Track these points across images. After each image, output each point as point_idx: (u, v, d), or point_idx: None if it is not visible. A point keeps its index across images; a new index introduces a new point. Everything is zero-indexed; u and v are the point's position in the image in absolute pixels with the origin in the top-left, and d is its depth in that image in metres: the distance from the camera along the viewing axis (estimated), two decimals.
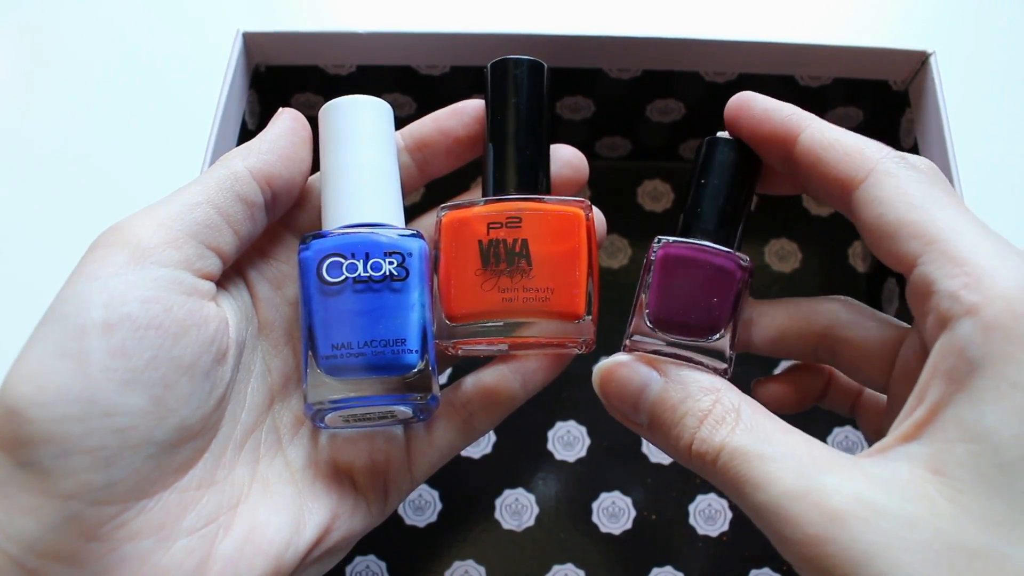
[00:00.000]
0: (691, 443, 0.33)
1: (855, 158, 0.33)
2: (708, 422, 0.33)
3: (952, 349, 0.28)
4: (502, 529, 0.52)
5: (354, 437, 0.40)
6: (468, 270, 0.38)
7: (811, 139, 0.35)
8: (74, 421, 0.30)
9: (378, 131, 0.40)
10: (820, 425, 0.54)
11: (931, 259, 0.30)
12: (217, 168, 0.37)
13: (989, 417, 0.27)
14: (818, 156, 0.34)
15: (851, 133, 0.34)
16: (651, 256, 0.37)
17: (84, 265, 0.33)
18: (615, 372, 0.37)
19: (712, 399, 0.33)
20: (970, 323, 0.28)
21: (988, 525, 0.26)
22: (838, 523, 0.27)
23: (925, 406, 0.29)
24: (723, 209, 0.38)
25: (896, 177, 0.32)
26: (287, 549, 0.36)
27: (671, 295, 0.36)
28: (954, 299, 0.29)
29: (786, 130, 0.36)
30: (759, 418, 0.32)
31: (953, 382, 0.28)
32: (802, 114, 0.36)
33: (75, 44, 0.69)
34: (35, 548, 0.30)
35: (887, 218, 0.32)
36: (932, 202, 0.31)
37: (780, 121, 0.36)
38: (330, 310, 0.37)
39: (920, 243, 0.30)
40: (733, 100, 0.38)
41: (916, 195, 0.31)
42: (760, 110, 0.37)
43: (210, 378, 0.34)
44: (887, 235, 0.32)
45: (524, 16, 0.70)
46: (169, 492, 0.33)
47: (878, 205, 0.32)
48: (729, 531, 0.51)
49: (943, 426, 0.28)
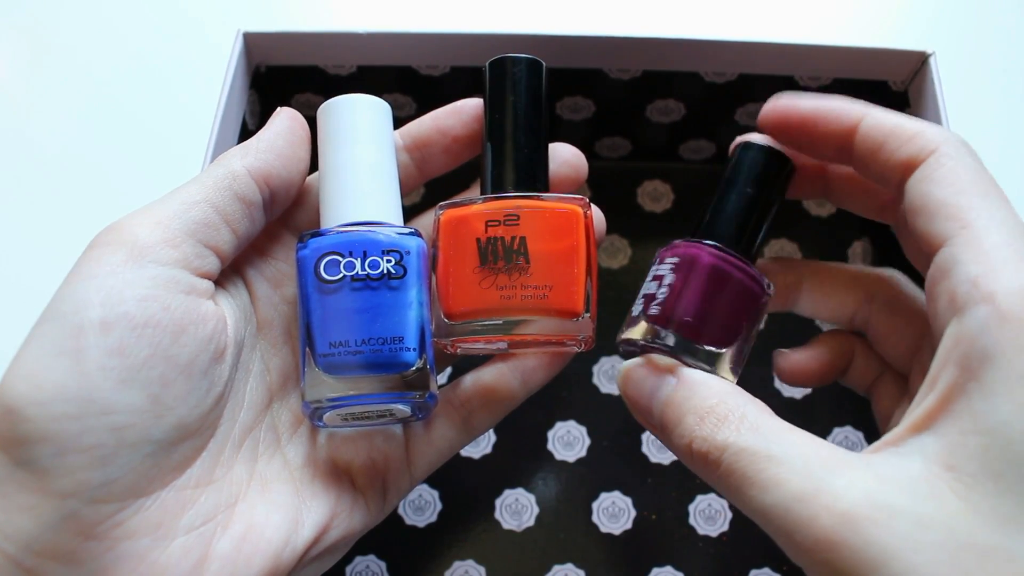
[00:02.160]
0: (691, 442, 0.33)
1: (917, 140, 0.33)
2: (709, 420, 0.33)
3: (966, 335, 0.28)
4: (502, 529, 0.51)
5: (353, 436, 0.40)
6: (466, 268, 0.38)
7: (873, 126, 0.35)
8: (71, 419, 0.30)
9: (376, 130, 0.40)
10: (820, 425, 0.54)
11: (960, 242, 0.30)
12: (215, 167, 0.37)
13: (1001, 410, 0.27)
14: (882, 141, 0.35)
15: (909, 116, 0.35)
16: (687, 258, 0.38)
17: (82, 264, 0.33)
18: (632, 373, 0.37)
19: (716, 399, 0.33)
20: (985, 310, 0.28)
21: (999, 523, 0.26)
22: (849, 526, 0.27)
23: (936, 393, 0.29)
24: (758, 219, 0.39)
25: (954, 159, 0.32)
26: (285, 548, 0.36)
27: (702, 302, 0.37)
28: (973, 284, 0.29)
29: (846, 121, 0.36)
30: (765, 418, 0.32)
31: (966, 370, 0.28)
32: (855, 102, 0.36)
33: (75, 44, 0.69)
34: (33, 547, 0.30)
35: (933, 196, 0.32)
36: (979, 190, 0.31)
37: (837, 113, 0.36)
38: (328, 308, 0.37)
39: (955, 225, 0.31)
40: (772, 104, 0.39)
41: (966, 180, 0.32)
42: (809, 108, 0.37)
43: (208, 377, 0.34)
44: (927, 212, 0.32)
45: (524, 16, 0.70)
46: (167, 491, 0.33)
47: (929, 183, 0.32)
48: (729, 531, 0.51)
49: (955, 417, 0.28)
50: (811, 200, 0.60)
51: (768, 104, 0.39)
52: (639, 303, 0.39)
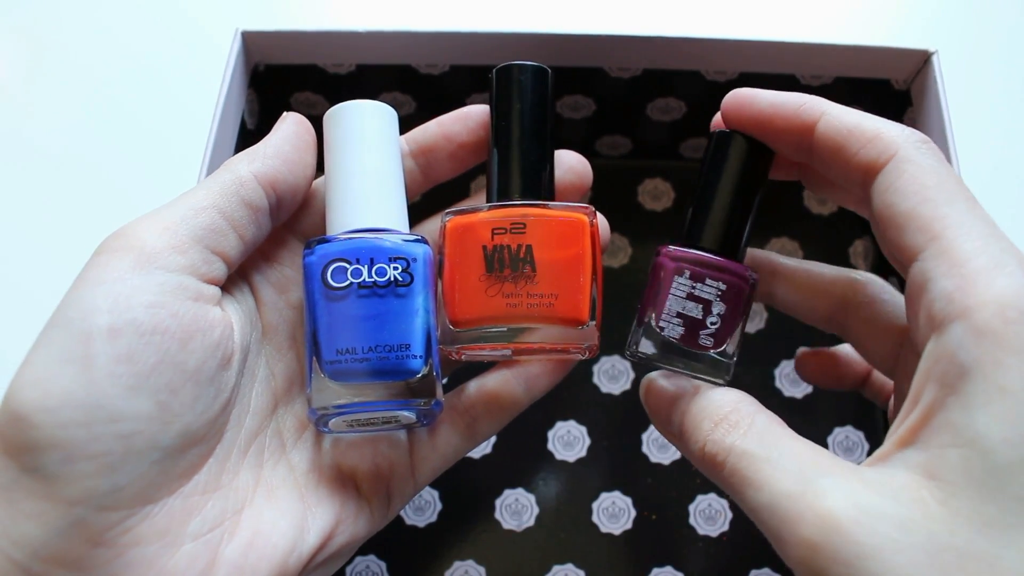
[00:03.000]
0: (704, 445, 0.34)
1: (876, 144, 0.33)
2: (722, 426, 0.34)
3: (944, 353, 0.28)
4: (502, 529, 0.52)
5: (358, 442, 0.40)
6: (472, 276, 0.38)
7: (831, 125, 0.34)
8: (79, 426, 0.30)
9: (383, 136, 0.40)
10: (821, 425, 0.54)
11: (931, 255, 0.30)
12: (222, 173, 0.36)
13: (980, 422, 0.27)
14: (840, 143, 0.34)
15: (869, 115, 0.34)
16: (660, 263, 0.38)
17: (89, 270, 0.32)
18: (654, 384, 0.38)
19: (731, 408, 0.34)
20: (962, 327, 0.28)
21: (980, 528, 0.26)
22: (832, 524, 0.28)
23: (919, 410, 0.29)
24: (743, 213, 0.39)
25: (914, 164, 0.32)
26: (291, 554, 0.36)
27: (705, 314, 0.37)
28: (948, 300, 0.29)
29: (802, 120, 0.35)
30: (772, 426, 0.33)
31: (945, 386, 0.28)
32: (814, 100, 0.35)
33: (74, 44, 0.69)
34: (40, 553, 0.30)
35: (898, 208, 0.31)
36: (945, 195, 0.31)
37: (794, 112, 0.36)
38: (334, 315, 0.37)
39: (924, 237, 0.30)
40: (730, 99, 0.37)
41: (930, 186, 0.31)
42: (767, 104, 0.36)
43: (215, 383, 0.34)
44: (895, 225, 0.31)
45: (524, 16, 0.70)
46: (174, 497, 0.33)
47: (892, 193, 0.32)
48: (729, 531, 0.51)
49: (936, 431, 0.28)
50: (808, 197, 0.60)
51: (727, 98, 0.38)
52: (648, 312, 0.39)
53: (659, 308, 0.37)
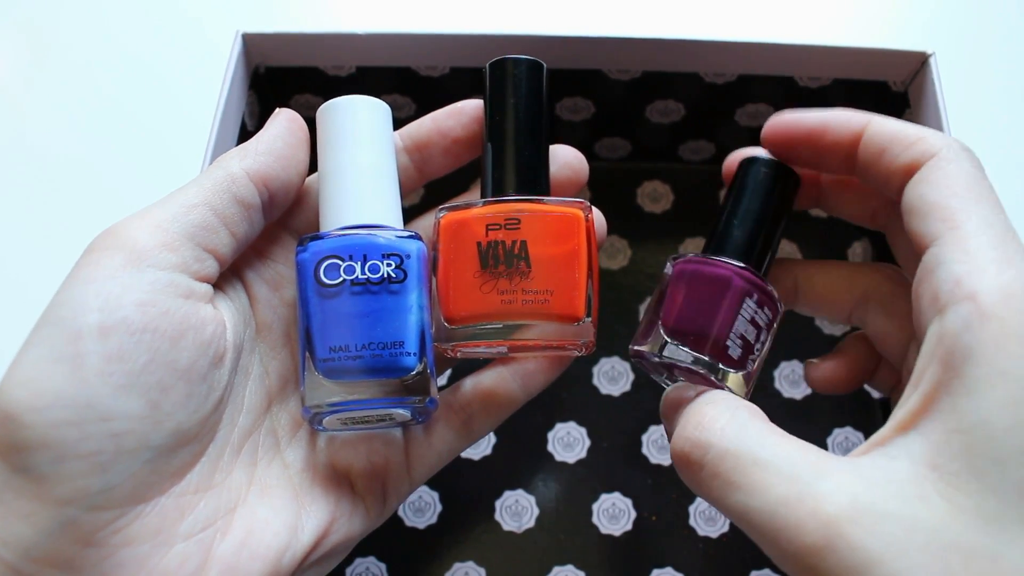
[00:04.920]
0: (675, 443, 0.33)
1: (919, 146, 0.34)
2: (693, 421, 0.33)
3: (948, 333, 0.29)
4: (502, 531, 0.51)
5: (352, 440, 0.40)
6: (467, 272, 0.37)
7: (877, 132, 0.36)
8: (70, 426, 0.30)
9: (376, 132, 0.40)
10: (820, 425, 0.54)
11: (947, 242, 0.31)
12: (213, 170, 0.36)
13: (983, 407, 0.27)
14: (885, 147, 0.35)
15: (911, 124, 0.36)
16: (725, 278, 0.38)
17: (80, 268, 0.32)
18: (668, 394, 0.38)
19: (710, 405, 0.34)
20: (968, 308, 0.28)
21: (982, 523, 0.26)
22: (836, 530, 0.27)
23: (921, 392, 0.29)
24: (769, 235, 0.40)
25: (952, 163, 0.33)
26: (285, 552, 0.36)
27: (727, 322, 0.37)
28: (956, 283, 0.29)
29: (851, 128, 0.37)
30: (755, 422, 0.32)
31: (948, 368, 0.28)
32: (857, 112, 0.37)
33: (74, 44, 0.69)
34: (31, 554, 0.30)
35: (927, 198, 0.32)
36: (973, 194, 0.32)
37: (843, 122, 0.37)
38: (328, 312, 0.36)
39: (944, 226, 0.31)
40: (775, 121, 0.39)
41: (961, 184, 0.32)
42: (816, 120, 0.38)
43: (207, 381, 0.34)
44: (920, 213, 0.32)
45: (524, 17, 0.70)
46: (166, 497, 0.33)
47: (924, 185, 0.33)
48: (729, 532, 0.51)
49: (939, 416, 0.28)
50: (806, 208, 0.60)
51: (770, 122, 0.40)
52: (657, 315, 0.39)
53: (724, 326, 0.37)
